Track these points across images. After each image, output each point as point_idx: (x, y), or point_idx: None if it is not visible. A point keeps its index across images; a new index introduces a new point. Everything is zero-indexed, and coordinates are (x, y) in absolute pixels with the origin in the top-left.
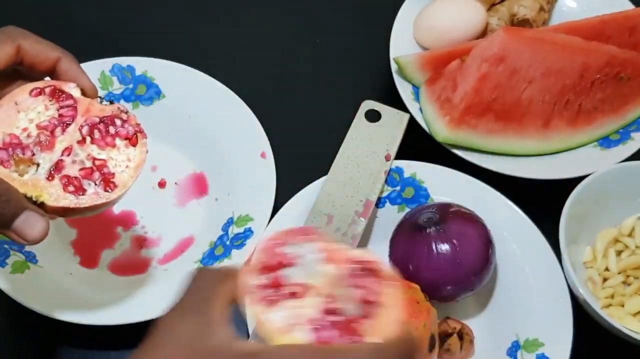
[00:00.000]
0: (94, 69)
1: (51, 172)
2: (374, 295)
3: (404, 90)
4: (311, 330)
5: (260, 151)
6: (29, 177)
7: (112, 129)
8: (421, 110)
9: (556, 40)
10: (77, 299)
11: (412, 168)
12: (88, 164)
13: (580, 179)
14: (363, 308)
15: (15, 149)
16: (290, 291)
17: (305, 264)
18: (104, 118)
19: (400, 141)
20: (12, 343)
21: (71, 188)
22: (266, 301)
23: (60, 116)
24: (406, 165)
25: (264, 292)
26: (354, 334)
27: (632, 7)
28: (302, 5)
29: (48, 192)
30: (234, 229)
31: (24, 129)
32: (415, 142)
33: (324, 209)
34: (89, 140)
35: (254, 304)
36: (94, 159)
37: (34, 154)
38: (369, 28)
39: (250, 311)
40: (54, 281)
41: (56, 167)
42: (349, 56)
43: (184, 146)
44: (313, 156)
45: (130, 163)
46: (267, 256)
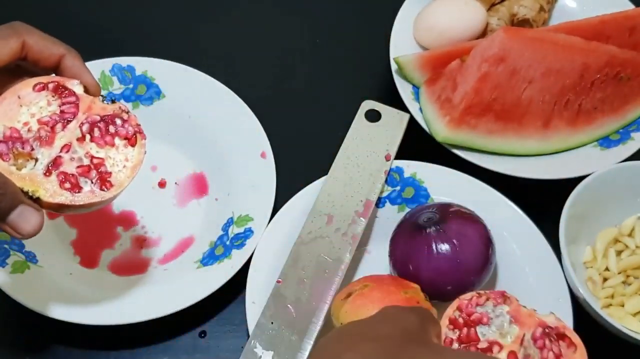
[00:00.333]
0: (94, 69)
1: (49, 168)
2: (560, 357)
3: (404, 90)
4: None
5: (260, 151)
6: (27, 171)
7: (112, 128)
8: (421, 110)
9: (556, 40)
10: (77, 299)
11: (412, 168)
12: (86, 162)
13: (580, 179)
14: None
15: (15, 143)
16: (483, 347)
17: (496, 324)
18: (104, 117)
19: (400, 141)
20: (12, 342)
21: (67, 185)
22: None
23: (61, 112)
24: (406, 165)
25: (456, 344)
26: None
27: (632, 7)
28: (302, 5)
29: (44, 188)
30: (234, 229)
31: (25, 123)
32: (415, 142)
33: (324, 209)
34: (88, 138)
35: None
36: (92, 157)
37: (33, 149)
38: (369, 28)
39: None
40: (54, 281)
41: (54, 163)
42: (349, 56)
43: (184, 146)
44: (313, 156)
45: (128, 163)
46: (462, 312)
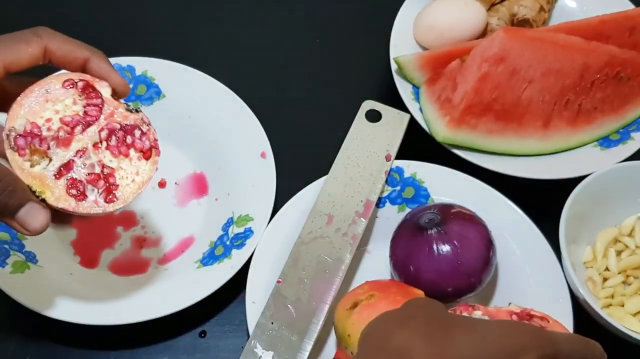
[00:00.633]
0: None
1: (60, 170)
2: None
3: (404, 90)
4: None
5: (260, 151)
6: (38, 170)
7: (129, 139)
8: (421, 110)
9: (556, 40)
10: (77, 299)
11: (412, 168)
12: (97, 170)
13: (580, 179)
14: None
15: (34, 139)
16: None
17: None
18: (125, 126)
19: (401, 141)
20: (12, 342)
21: (74, 192)
22: None
23: (85, 113)
24: (406, 165)
25: None
26: None
27: (632, 7)
28: (302, 5)
29: (51, 191)
30: (234, 229)
31: (48, 119)
32: (415, 142)
33: (324, 209)
34: (104, 145)
35: None
36: (104, 165)
37: (49, 148)
38: (369, 28)
39: None
40: (54, 281)
41: (66, 167)
42: (349, 56)
43: (184, 146)
44: (313, 155)
45: (138, 177)
46: None
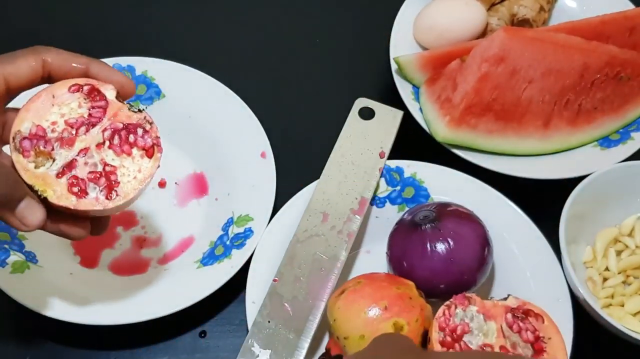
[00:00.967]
0: None
1: (63, 169)
2: (536, 331)
3: (404, 90)
4: None
5: (260, 151)
6: (42, 171)
7: (131, 137)
8: (421, 110)
9: (556, 40)
10: (77, 299)
11: (412, 168)
12: (99, 168)
13: (580, 179)
14: (533, 344)
15: (39, 141)
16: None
17: (476, 327)
18: (127, 125)
19: (395, 138)
20: (12, 342)
21: (75, 189)
22: None
23: (89, 115)
24: (406, 165)
25: None
26: None
27: (632, 7)
28: (302, 5)
29: (53, 189)
30: (234, 229)
31: (53, 122)
32: (415, 142)
33: (319, 208)
34: (107, 145)
35: None
36: (106, 164)
37: (53, 149)
38: (368, 28)
39: None
40: (54, 281)
41: (68, 166)
42: (348, 56)
43: (184, 146)
44: (313, 156)
45: (139, 174)
46: (445, 331)
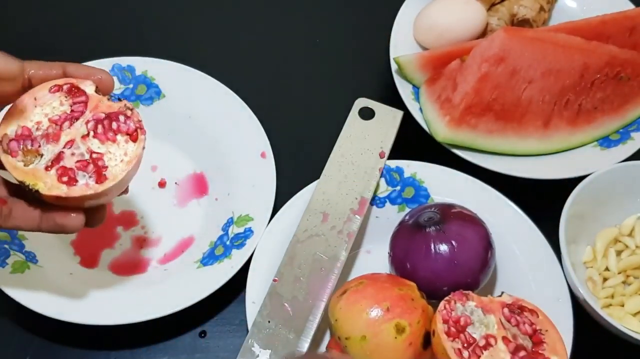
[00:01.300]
0: None
1: (51, 163)
2: (533, 324)
3: (404, 90)
4: None
5: (260, 151)
6: (31, 167)
7: (114, 125)
8: (421, 110)
9: (556, 40)
10: (77, 299)
11: (412, 168)
12: (86, 157)
13: (580, 179)
14: (531, 336)
15: (26, 140)
16: (483, 344)
17: (477, 320)
18: (109, 114)
19: (394, 138)
20: (12, 343)
21: (65, 179)
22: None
23: (71, 111)
24: (406, 165)
25: (466, 351)
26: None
27: (632, 7)
28: (302, 5)
29: (44, 182)
30: (234, 229)
31: (38, 122)
32: (415, 142)
33: (319, 208)
34: (92, 134)
35: None
36: (92, 152)
37: (40, 146)
38: (368, 28)
39: None
40: (54, 281)
41: (56, 158)
42: (348, 56)
43: (184, 146)
44: (313, 156)
45: (126, 157)
46: (448, 323)
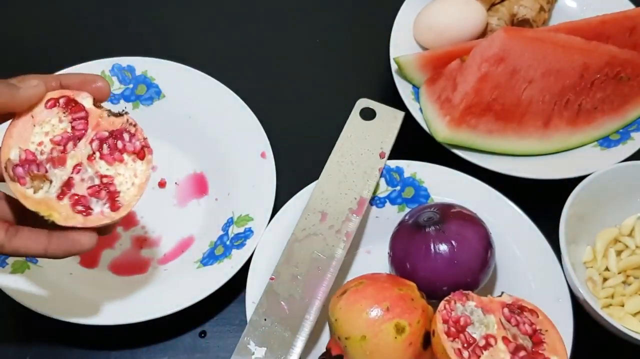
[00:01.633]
0: (94, 69)
1: (62, 190)
2: (533, 324)
3: (404, 90)
4: None
5: (260, 151)
6: (42, 196)
7: (119, 144)
8: (421, 110)
9: (556, 40)
10: (77, 299)
11: (412, 168)
12: (96, 182)
13: (580, 179)
14: (531, 336)
15: (31, 165)
16: (483, 344)
17: (477, 320)
18: (113, 132)
19: (395, 139)
20: (12, 342)
21: (79, 208)
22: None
23: (72, 128)
24: (406, 165)
25: (466, 351)
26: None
27: (632, 7)
28: (302, 5)
29: (58, 212)
30: (234, 229)
31: (40, 143)
32: (415, 142)
33: (318, 207)
34: (97, 155)
35: None
36: (102, 176)
37: (47, 171)
38: (368, 28)
39: None
40: (54, 281)
41: (66, 185)
42: (348, 56)
43: (184, 146)
44: (313, 156)
45: (136, 179)
46: (448, 323)
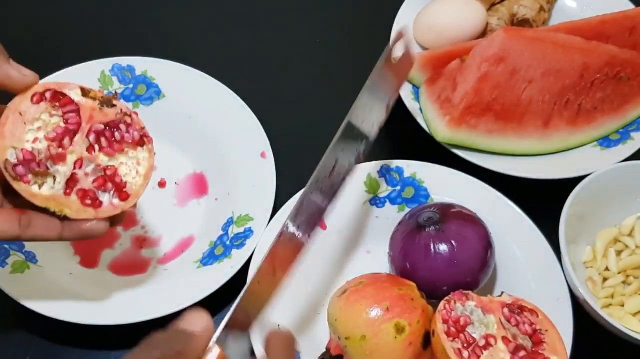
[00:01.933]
0: (94, 69)
1: (68, 185)
2: (533, 324)
3: (404, 90)
4: None
5: (260, 151)
6: (48, 191)
7: (117, 135)
8: (421, 110)
9: (556, 40)
10: (77, 299)
11: (412, 168)
12: (100, 174)
13: (580, 179)
14: (531, 336)
15: (31, 164)
16: (483, 344)
17: (477, 320)
18: (108, 123)
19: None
20: (12, 342)
21: (88, 201)
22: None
23: (66, 122)
24: (406, 165)
25: (466, 351)
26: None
27: (632, 7)
28: (303, 5)
29: (69, 207)
30: (234, 229)
31: (34, 139)
32: (415, 142)
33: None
34: (97, 148)
35: None
36: (105, 168)
37: (48, 168)
38: (368, 28)
39: None
40: (54, 281)
41: (71, 181)
42: (349, 56)
43: (184, 146)
44: (313, 155)
45: (140, 168)
46: (448, 323)
